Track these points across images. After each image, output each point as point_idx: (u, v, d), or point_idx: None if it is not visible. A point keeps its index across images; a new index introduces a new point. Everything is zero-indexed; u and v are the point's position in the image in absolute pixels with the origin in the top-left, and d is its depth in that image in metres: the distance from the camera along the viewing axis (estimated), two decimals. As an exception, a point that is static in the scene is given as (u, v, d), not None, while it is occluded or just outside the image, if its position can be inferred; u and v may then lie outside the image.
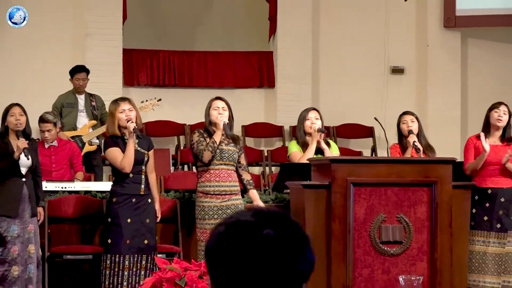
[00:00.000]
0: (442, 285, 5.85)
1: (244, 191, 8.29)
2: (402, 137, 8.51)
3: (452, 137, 12.40)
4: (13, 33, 12.07)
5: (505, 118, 8.47)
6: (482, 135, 8.36)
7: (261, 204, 8.26)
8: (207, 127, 8.19)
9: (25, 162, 7.96)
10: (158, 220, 8.17)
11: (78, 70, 10.87)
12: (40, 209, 8.12)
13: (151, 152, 8.23)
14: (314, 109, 8.62)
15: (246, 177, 8.24)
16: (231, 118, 8.24)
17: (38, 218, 8.10)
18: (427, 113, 12.79)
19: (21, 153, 7.90)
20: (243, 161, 8.24)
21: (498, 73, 12.97)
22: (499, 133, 8.50)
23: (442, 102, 12.77)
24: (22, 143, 7.88)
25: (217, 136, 8.06)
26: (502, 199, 8.36)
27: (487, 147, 8.29)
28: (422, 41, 13.03)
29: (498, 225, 8.33)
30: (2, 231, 7.86)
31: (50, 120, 9.61)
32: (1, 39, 12.10)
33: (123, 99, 8.38)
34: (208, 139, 8.06)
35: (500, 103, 8.59)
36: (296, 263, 1.84)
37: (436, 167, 6.00)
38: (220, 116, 8.10)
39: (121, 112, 8.08)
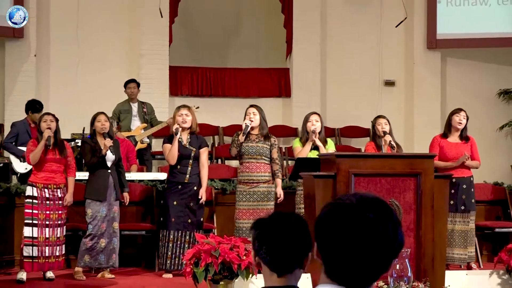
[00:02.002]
0: (426, 256, 5.85)
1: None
2: (375, 136, 8.47)
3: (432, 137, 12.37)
4: (84, 55, 12.15)
5: (464, 121, 8.44)
6: (467, 159, 8.31)
7: (280, 191, 8.29)
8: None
9: (110, 157, 8.11)
10: (202, 201, 8.14)
11: (129, 81, 10.96)
12: (126, 194, 8.27)
13: (202, 150, 8.24)
14: (316, 113, 8.52)
15: (274, 168, 8.23)
16: (262, 120, 8.28)
17: (124, 201, 8.25)
18: (413, 118, 12.78)
19: (107, 150, 8.03)
20: (273, 155, 8.23)
21: (471, 86, 12.92)
22: (458, 133, 8.48)
23: (425, 109, 12.74)
24: (108, 142, 8.05)
25: (242, 136, 8.13)
26: (464, 186, 8.36)
27: (467, 153, 8.30)
28: (409, 60, 13.00)
29: (462, 207, 8.34)
30: (94, 212, 7.97)
31: (112, 124, 9.72)
32: (75, 61, 12.14)
33: (184, 106, 8.39)
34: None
35: (460, 109, 8.54)
36: (389, 241, 1.84)
37: (421, 161, 6.00)
38: (246, 120, 8.17)
39: (179, 115, 8.18)
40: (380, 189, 5.87)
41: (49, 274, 7.88)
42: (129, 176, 9.25)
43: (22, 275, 7.72)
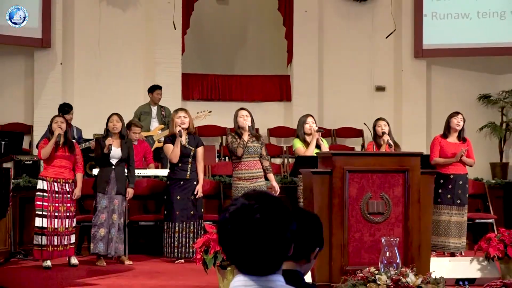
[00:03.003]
0: (413, 244, 5.84)
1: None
2: (376, 136, 8.50)
3: (420, 138, 12.34)
4: (105, 63, 12.15)
5: (461, 123, 8.47)
6: (464, 154, 8.32)
7: (275, 184, 8.32)
8: (236, 130, 8.24)
9: (115, 155, 8.08)
10: (198, 196, 8.16)
11: (158, 88, 10.98)
12: (129, 190, 8.19)
13: (199, 149, 8.27)
14: (310, 115, 8.55)
15: (265, 164, 8.25)
16: (252, 121, 8.29)
17: (127, 196, 8.15)
18: (401, 120, 12.76)
19: (108, 149, 8.00)
20: (263, 152, 8.25)
21: (454, 92, 12.89)
22: (456, 134, 8.49)
23: (412, 112, 12.73)
24: (109, 140, 8.03)
25: (245, 136, 8.13)
26: (460, 182, 8.37)
27: (464, 149, 8.30)
28: (398, 67, 12.99)
29: (458, 201, 8.34)
30: (96, 203, 7.97)
31: (140, 126, 9.78)
32: (97, 69, 12.15)
33: (181, 109, 8.46)
34: (238, 139, 8.13)
35: (458, 113, 8.58)
36: (278, 235, 1.84)
37: (408, 159, 5.99)
38: (245, 121, 8.17)
39: (178, 118, 8.19)
40: (371, 184, 5.87)
41: (74, 260, 7.89)
42: (146, 172, 9.31)
43: (48, 262, 7.72)
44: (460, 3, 12.73)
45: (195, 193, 8.15)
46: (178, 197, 8.10)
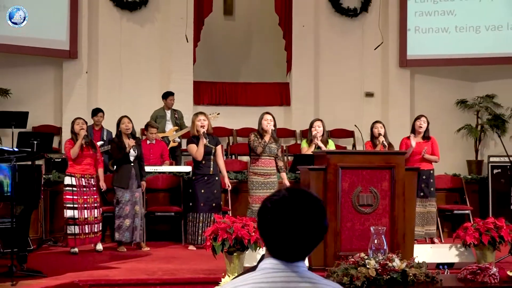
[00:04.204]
0: (398, 232, 5.84)
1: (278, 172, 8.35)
2: (373, 137, 8.54)
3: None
4: (125, 72, 12.17)
5: (424, 125, 8.59)
6: (412, 136, 8.45)
7: (287, 182, 8.34)
8: (259, 130, 8.24)
9: (133, 154, 8.11)
10: (229, 189, 8.30)
11: (171, 94, 10.96)
12: (143, 183, 8.24)
13: (218, 147, 8.27)
14: (319, 119, 8.58)
15: (280, 164, 8.26)
16: (275, 125, 8.28)
17: (142, 189, 8.22)
18: (388, 122, 12.63)
19: (130, 148, 8.04)
20: (279, 153, 8.27)
21: (434, 97, 12.88)
22: (421, 134, 8.57)
23: (398, 115, 12.70)
24: (132, 142, 8.08)
25: (267, 138, 8.14)
26: (424, 177, 8.43)
27: (413, 143, 8.38)
28: (385, 75, 12.97)
29: (422, 194, 8.40)
30: (119, 197, 7.99)
31: (156, 127, 9.77)
32: (118, 77, 12.17)
33: (201, 113, 8.41)
34: (260, 139, 8.14)
35: (421, 116, 8.73)
36: (314, 226, 1.82)
37: (394, 157, 6.00)
38: (268, 125, 8.17)
39: (198, 121, 8.18)
40: (362, 179, 5.86)
41: (98, 246, 7.91)
42: (162, 169, 9.30)
43: (75, 249, 7.74)
44: (440, 19, 12.74)
45: (226, 187, 8.25)
46: (203, 191, 8.10)
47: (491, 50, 12.45)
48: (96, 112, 10.24)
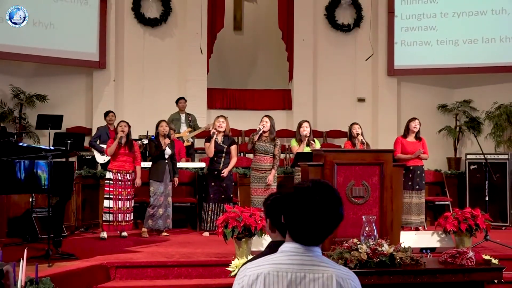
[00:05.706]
0: (387, 221, 5.81)
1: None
2: (351, 136, 8.41)
3: (392, 138, 11.92)
4: (148, 81, 12.18)
5: (418, 126, 8.50)
6: (421, 153, 8.33)
7: (271, 178, 8.00)
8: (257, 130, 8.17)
9: (167, 152, 8.14)
10: (222, 175, 8.11)
11: (181, 98, 10.91)
12: (176, 179, 8.24)
13: (232, 147, 8.20)
14: (306, 121, 8.44)
15: (273, 161, 8.10)
16: (272, 127, 8.19)
17: (174, 183, 8.22)
18: (377, 124, 12.72)
19: (165, 147, 8.03)
20: (275, 152, 8.11)
21: (418, 102, 12.84)
22: (414, 135, 8.49)
23: (386, 118, 12.67)
24: (167, 141, 8.11)
25: (256, 136, 8.09)
26: (418, 172, 8.39)
27: (421, 151, 8.30)
28: (375, 83, 12.93)
29: (417, 186, 8.34)
30: (155, 189, 7.99)
31: (173, 129, 9.76)
32: (141, 85, 12.19)
33: (222, 116, 8.36)
34: (255, 138, 8.11)
35: (415, 118, 8.62)
36: (332, 214, 1.81)
37: (383, 155, 5.96)
38: (261, 126, 8.12)
39: (217, 122, 8.16)
40: (355, 174, 5.83)
41: (124, 233, 7.90)
42: (180, 165, 9.28)
43: (104, 234, 7.75)
44: (423, 34, 12.70)
45: (221, 172, 8.06)
46: (213, 184, 8.10)
47: (468, 61, 12.41)
48: (107, 113, 10.20)
